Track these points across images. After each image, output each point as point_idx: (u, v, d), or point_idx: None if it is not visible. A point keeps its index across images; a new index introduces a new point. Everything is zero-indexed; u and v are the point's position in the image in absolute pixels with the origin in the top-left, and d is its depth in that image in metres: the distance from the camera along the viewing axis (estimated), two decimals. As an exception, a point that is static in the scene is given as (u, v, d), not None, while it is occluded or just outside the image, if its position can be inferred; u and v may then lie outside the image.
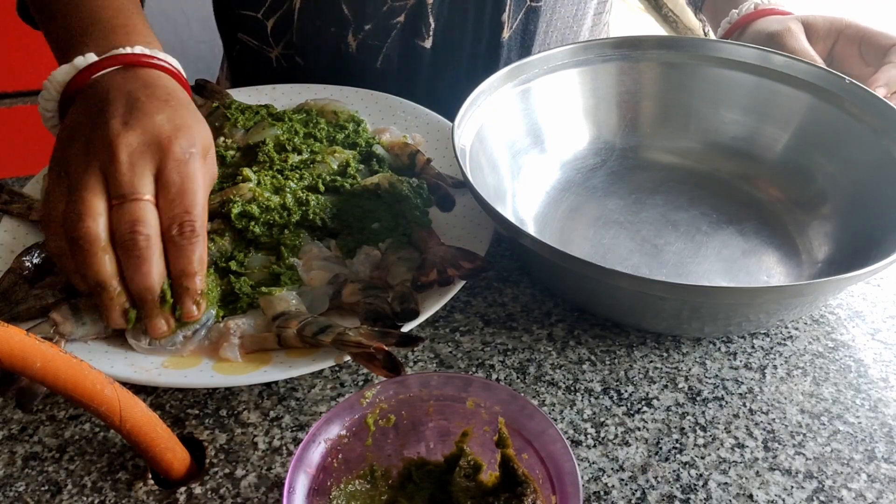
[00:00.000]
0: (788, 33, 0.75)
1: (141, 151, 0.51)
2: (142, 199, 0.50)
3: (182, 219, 0.51)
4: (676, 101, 0.74)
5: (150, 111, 0.53)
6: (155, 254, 0.51)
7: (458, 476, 0.45)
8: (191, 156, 0.53)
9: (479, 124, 0.66)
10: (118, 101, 0.54)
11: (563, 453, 0.42)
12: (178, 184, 0.52)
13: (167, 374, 0.52)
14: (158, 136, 0.52)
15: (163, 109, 0.54)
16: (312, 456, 0.43)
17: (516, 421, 0.44)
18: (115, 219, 0.50)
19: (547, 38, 0.86)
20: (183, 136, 0.53)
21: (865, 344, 0.59)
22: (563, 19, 0.85)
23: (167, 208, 0.51)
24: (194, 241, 0.51)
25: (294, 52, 0.84)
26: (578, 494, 0.40)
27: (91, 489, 0.48)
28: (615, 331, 0.59)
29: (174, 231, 0.51)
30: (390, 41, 0.80)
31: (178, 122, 0.53)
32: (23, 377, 0.49)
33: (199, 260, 0.52)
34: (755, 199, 0.70)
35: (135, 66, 0.58)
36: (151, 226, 0.50)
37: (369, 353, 0.50)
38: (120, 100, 0.54)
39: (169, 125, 0.53)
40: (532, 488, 0.43)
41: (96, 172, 0.51)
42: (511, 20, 0.80)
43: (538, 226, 0.68)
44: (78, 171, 0.51)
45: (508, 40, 0.82)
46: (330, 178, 0.66)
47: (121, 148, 0.51)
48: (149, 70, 0.58)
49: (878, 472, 0.50)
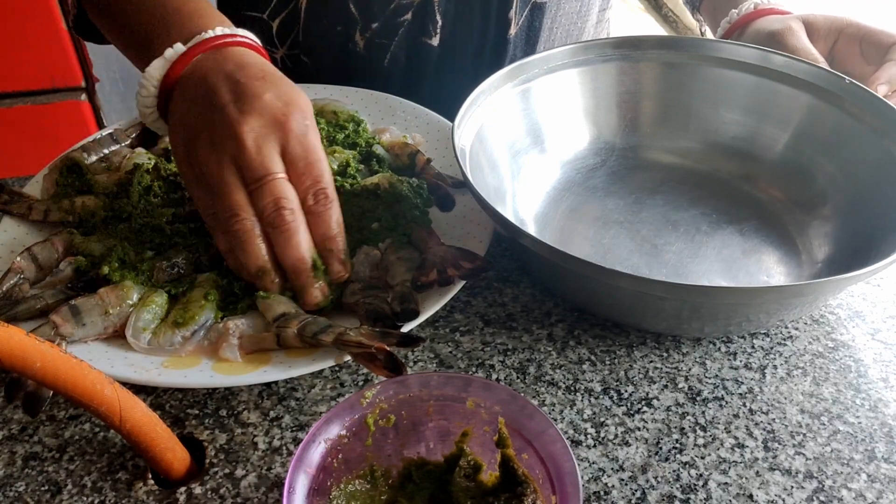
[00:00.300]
0: (789, 32, 0.75)
1: (264, 134, 0.53)
2: (277, 178, 0.53)
3: (315, 188, 0.54)
4: (676, 101, 0.74)
5: (257, 91, 0.54)
6: (301, 225, 0.54)
7: (458, 476, 0.45)
8: (307, 128, 0.55)
9: (479, 124, 0.66)
10: (222, 87, 0.55)
11: (563, 453, 0.42)
12: (303, 157, 0.54)
13: (167, 374, 0.52)
14: (274, 116, 0.54)
15: (266, 87, 0.55)
16: (312, 456, 0.43)
17: (516, 421, 0.44)
18: (258, 202, 0.53)
19: (552, 35, 0.86)
20: (295, 110, 0.55)
21: (865, 344, 0.59)
22: (568, 15, 0.85)
23: (299, 182, 0.54)
24: (329, 207, 0.55)
25: (300, 52, 0.84)
26: (578, 494, 0.40)
27: (91, 489, 0.48)
28: (615, 331, 0.59)
29: (311, 201, 0.54)
30: (398, 39, 0.80)
31: (285, 98, 0.55)
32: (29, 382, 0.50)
33: (336, 222, 0.56)
34: (755, 199, 0.70)
35: (221, 49, 0.58)
36: (292, 200, 0.53)
37: (370, 353, 0.50)
38: (222, 84, 0.55)
39: (279, 102, 0.54)
40: (532, 488, 0.43)
41: (230, 165, 0.53)
42: (518, 16, 0.80)
43: (538, 226, 0.68)
44: (214, 169, 0.54)
45: (514, 37, 0.82)
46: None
47: (245, 135, 0.53)
48: (234, 49, 0.59)
49: (878, 472, 0.50)
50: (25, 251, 0.59)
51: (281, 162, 0.54)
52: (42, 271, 0.59)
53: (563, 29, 0.87)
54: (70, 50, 1.59)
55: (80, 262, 0.59)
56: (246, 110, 0.53)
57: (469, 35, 0.82)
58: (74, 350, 0.53)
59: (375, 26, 0.79)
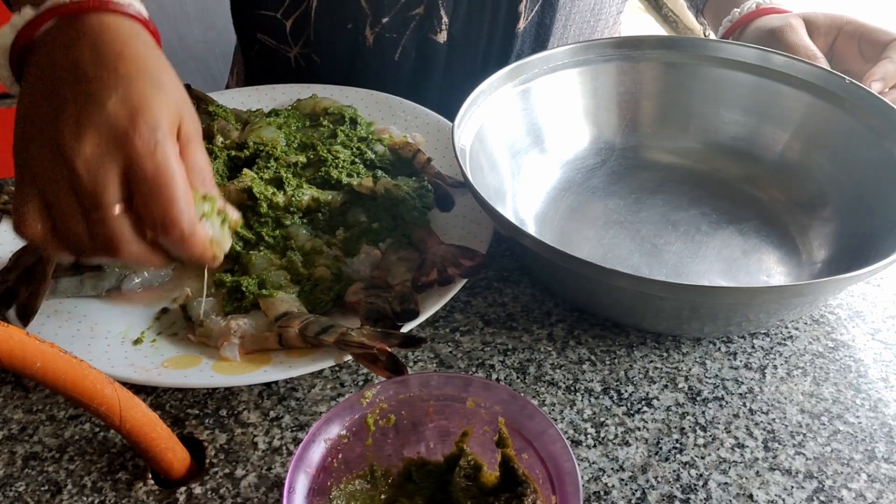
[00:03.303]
0: (790, 28, 0.75)
1: (100, 157, 0.45)
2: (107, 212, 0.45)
3: (162, 220, 0.46)
4: (676, 101, 0.74)
5: (101, 97, 0.46)
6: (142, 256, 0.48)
7: (458, 476, 0.45)
8: (156, 143, 0.46)
9: (479, 124, 0.66)
10: (65, 87, 0.47)
11: (563, 453, 0.42)
12: (149, 179, 0.45)
13: (167, 374, 0.52)
14: (115, 132, 0.45)
15: (114, 87, 0.46)
16: (312, 456, 0.43)
17: (516, 421, 0.44)
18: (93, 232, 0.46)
19: (565, 33, 0.86)
20: (142, 121, 0.45)
21: (865, 344, 0.59)
22: (582, 13, 0.85)
23: (146, 209, 0.46)
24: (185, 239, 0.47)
25: (311, 52, 0.84)
26: (578, 494, 0.40)
27: (91, 489, 0.48)
28: (615, 331, 0.59)
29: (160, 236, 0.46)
30: (408, 33, 0.80)
31: (134, 103, 0.46)
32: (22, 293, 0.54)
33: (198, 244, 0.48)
34: (755, 199, 0.70)
35: (80, 16, 0.49)
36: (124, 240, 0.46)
37: (372, 354, 0.50)
38: (67, 83, 0.47)
39: (123, 111, 0.45)
40: (532, 488, 0.43)
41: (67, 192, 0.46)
42: (527, 11, 0.80)
43: (538, 226, 0.68)
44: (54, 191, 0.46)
45: (523, 32, 0.82)
46: (329, 177, 0.66)
47: (77, 162, 0.45)
48: (95, 18, 0.49)
49: (878, 472, 0.50)
50: (22, 250, 0.59)
51: (118, 190, 0.45)
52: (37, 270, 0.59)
53: (577, 27, 0.86)
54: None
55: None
56: (82, 129, 0.45)
57: (479, 27, 0.82)
58: (76, 349, 0.53)
59: (385, 21, 0.79)
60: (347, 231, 0.63)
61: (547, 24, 0.83)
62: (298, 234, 0.62)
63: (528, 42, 0.84)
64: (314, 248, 0.61)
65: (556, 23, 0.84)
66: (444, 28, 0.80)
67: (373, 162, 0.69)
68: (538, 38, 0.84)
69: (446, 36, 0.81)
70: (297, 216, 0.64)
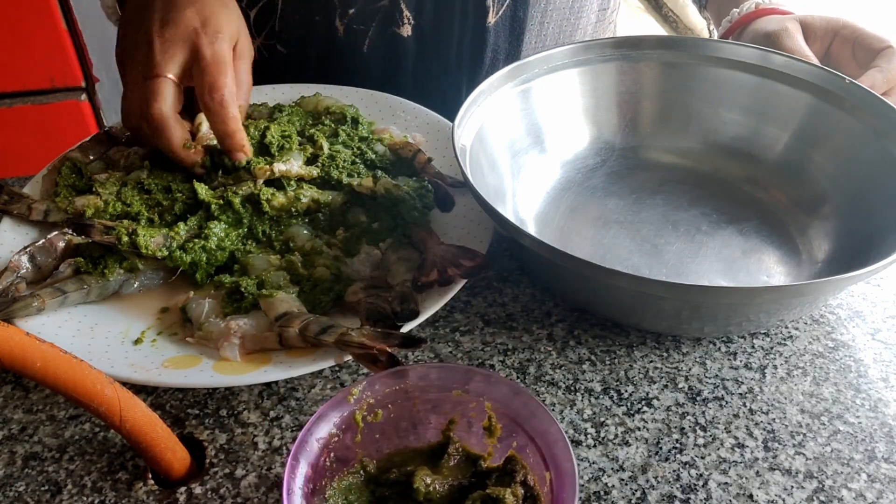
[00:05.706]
0: (785, 33, 0.75)
1: (173, 41, 0.62)
2: (160, 77, 0.62)
3: (212, 86, 0.62)
4: (676, 101, 0.74)
5: (181, 6, 0.64)
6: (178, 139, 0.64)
7: (447, 463, 0.45)
8: (218, 38, 0.63)
9: (479, 124, 0.66)
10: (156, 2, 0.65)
11: (563, 453, 0.42)
12: (207, 59, 0.62)
13: (167, 374, 0.52)
14: (188, 30, 0.63)
15: (192, 2, 0.64)
16: (306, 456, 0.43)
17: (519, 416, 0.44)
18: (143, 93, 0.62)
19: (543, 30, 0.85)
20: (209, 24, 0.63)
21: (865, 344, 0.59)
22: (560, 10, 0.85)
23: (200, 78, 0.62)
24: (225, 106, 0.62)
25: (276, 42, 0.84)
26: (576, 494, 0.40)
27: (91, 489, 0.48)
28: (615, 331, 0.59)
29: (206, 97, 0.62)
30: (374, 25, 0.80)
31: (205, 13, 0.64)
32: None
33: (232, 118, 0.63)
34: (755, 199, 0.70)
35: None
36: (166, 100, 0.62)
37: (372, 354, 0.50)
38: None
39: (197, 17, 0.63)
40: (521, 465, 0.43)
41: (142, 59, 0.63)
42: (497, 4, 0.80)
43: (538, 226, 0.68)
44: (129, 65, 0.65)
45: (495, 26, 0.81)
46: (329, 175, 0.67)
47: (156, 41, 0.63)
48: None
49: (878, 472, 0.50)
50: (23, 250, 0.59)
51: (178, 66, 0.62)
52: (40, 272, 0.59)
53: (556, 24, 0.86)
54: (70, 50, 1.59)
55: (80, 263, 0.59)
56: (165, 21, 0.63)
57: (449, 22, 0.81)
58: (75, 349, 0.53)
59: (352, 12, 0.79)
60: (347, 231, 0.63)
61: (521, 17, 0.82)
62: (298, 235, 0.62)
63: (502, 36, 0.83)
64: (314, 249, 0.61)
65: (532, 18, 0.83)
66: (408, 22, 0.80)
67: (373, 162, 0.69)
68: (513, 32, 0.83)
69: (411, 30, 0.81)
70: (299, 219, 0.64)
